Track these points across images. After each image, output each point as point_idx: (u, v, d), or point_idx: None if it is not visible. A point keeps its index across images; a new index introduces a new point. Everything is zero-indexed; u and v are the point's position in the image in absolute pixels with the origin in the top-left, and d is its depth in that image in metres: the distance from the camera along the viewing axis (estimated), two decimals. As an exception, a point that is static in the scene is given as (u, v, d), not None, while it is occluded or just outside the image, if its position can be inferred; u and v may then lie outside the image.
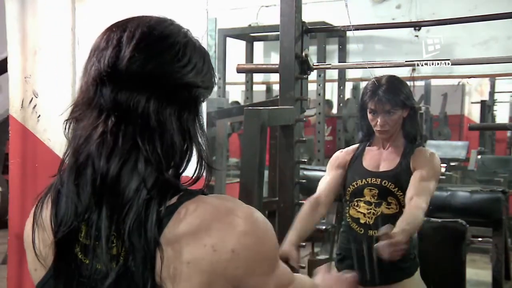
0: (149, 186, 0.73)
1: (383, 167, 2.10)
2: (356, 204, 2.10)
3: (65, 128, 0.80)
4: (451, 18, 2.43)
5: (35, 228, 0.80)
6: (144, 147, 0.73)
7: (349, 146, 2.26)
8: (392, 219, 2.01)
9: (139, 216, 0.71)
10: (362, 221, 2.09)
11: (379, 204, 2.07)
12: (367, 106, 2.08)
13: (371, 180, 2.09)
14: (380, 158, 2.13)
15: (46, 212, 0.79)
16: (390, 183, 2.06)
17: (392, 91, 2.05)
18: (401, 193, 2.05)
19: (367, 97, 2.09)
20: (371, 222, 2.07)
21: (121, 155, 0.73)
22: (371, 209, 2.08)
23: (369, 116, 2.09)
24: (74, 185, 0.75)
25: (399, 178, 2.06)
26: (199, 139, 0.80)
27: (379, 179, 2.08)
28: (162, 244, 0.71)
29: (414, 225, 1.92)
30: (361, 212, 2.09)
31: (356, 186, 2.11)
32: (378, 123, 2.06)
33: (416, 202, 1.95)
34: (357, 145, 2.23)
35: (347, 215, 2.14)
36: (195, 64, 0.80)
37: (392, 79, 2.11)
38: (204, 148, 0.80)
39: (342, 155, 2.20)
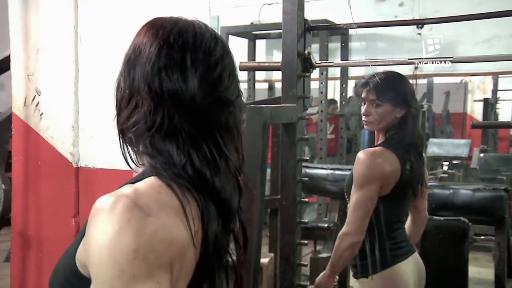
0: None
1: None
2: None
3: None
4: (454, 16, 2.42)
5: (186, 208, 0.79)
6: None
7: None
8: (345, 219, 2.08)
9: None
10: None
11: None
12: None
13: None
14: None
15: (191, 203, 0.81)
16: (344, 190, 2.13)
17: (385, 83, 2.00)
18: (346, 194, 2.09)
19: (359, 86, 2.08)
20: None
21: None
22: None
23: (362, 106, 2.07)
24: None
25: (346, 184, 2.10)
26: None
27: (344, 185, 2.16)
28: None
29: (335, 259, 1.97)
30: None
31: None
32: (363, 111, 2.03)
33: (341, 237, 1.95)
34: None
35: None
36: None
37: (392, 73, 2.06)
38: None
39: None
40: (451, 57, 2.24)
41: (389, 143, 2.00)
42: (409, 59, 2.31)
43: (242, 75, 5.79)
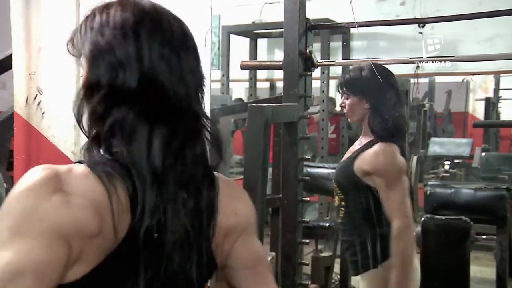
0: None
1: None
2: None
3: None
4: (456, 15, 2.42)
5: (112, 195, 0.78)
6: None
7: (352, 143, 2.26)
8: (337, 212, 2.12)
9: None
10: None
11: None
12: None
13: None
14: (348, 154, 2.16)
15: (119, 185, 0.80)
16: (334, 176, 2.14)
17: (350, 76, 2.05)
18: (336, 186, 2.10)
19: (339, 79, 2.15)
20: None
21: None
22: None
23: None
24: None
25: (338, 171, 2.12)
26: None
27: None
28: None
29: (404, 262, 1.88)
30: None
31: None
32: (339, 103, 2.14)
33: (396, 231, 1.88)
34: None
35: None
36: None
37: (364, 67, 2.06)
38: None
39: None
40: (453, 56, 2.24)
41: (388, 138, 2.01)
42: (410, 58, 2.31)
43: (244, 74, 5.79)
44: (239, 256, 0.90)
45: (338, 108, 6.26)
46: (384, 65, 2.16)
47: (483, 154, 6.27)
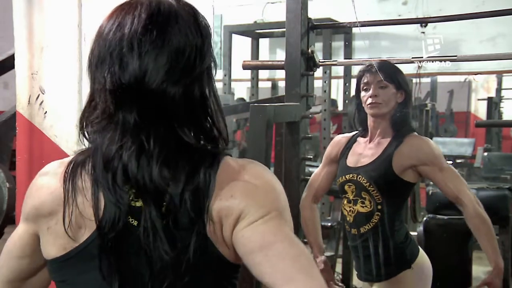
0: None
1: (362, 162, 2.03)
2: (343, 201, 2.08)
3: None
4: (458, 14, 2.42)
5: (72, 190, 0.87)
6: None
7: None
8: (365, 218, 1.99)
9: None
10: (347, 219, 2.07)
11: (356, 202, 2.01)
12: (361, 83, 2.02)
13: (349, 176, 2.03)
14: (362, 153, 2.05)
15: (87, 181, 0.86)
16: (363, 178, 1.98)
17: (386, 66, 2.00)
18: (373, 189, 1.96)
19: (361, 73, 2.03)
20: (351, 221, 2.04)
21: None
22: (350, 206, 2.04)
23: (362, 94, 2.01)
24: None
25: (373, 172, 1.97)
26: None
27: (355, 174, 2.01)
28: None
29: (493, 233, 2.01)
30: (346, 210, 2.06)
31: (339, 182, 2.07)
32: (369, 94, 1.97)
33: (474, 209, 1.94)
34: (353, 133, 2.15)
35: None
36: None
37: (388, 61, 2.07)
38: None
39: (336, 147, 2.13)
40: (455, 56, 2.24)
41: (406, 130, 2.02)
42: (412, 57, 2.31)
43: (246, 74, 5.79)
44: (242, 241, 0.82)
45: (339, 109, 6.26)
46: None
47: (485, 154, 6.26)
